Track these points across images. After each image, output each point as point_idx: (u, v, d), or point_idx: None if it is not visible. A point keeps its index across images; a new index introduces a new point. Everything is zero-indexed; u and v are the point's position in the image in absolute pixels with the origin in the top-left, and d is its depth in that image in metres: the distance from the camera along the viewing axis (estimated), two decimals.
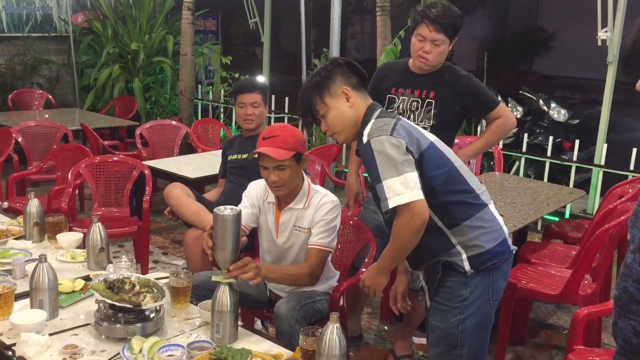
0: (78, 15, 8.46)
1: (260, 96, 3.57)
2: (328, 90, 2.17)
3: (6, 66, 7.86)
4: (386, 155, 1.99)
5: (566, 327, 3.65)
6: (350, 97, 2.16)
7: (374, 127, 2.09)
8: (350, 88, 2.17)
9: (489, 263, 2.12)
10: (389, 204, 1.97)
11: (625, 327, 1.31)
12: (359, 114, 2.17)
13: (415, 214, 1.97)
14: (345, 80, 2.18)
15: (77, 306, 2.30)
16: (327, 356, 1.84)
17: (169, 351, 1.95)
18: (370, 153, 2.03)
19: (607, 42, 5.05)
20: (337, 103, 2.17)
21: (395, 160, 1.98)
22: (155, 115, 7.90)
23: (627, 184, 4.00)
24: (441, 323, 2.19)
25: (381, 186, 1.99)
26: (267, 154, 2.41)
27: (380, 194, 2.01)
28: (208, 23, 9.15)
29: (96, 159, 4.27)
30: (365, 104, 2.20)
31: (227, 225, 2.09)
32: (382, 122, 2.09)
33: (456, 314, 2.14)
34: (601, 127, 5.32)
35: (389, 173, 1.97)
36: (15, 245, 2.79)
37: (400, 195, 1.95)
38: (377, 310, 3.78)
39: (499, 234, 2.16)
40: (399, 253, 2.10)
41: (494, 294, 2.18)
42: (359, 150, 2.16)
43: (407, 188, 1.96)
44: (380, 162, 2.00)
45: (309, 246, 2.51)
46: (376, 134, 2.04)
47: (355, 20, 17.34)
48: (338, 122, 2.18)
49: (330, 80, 2.17)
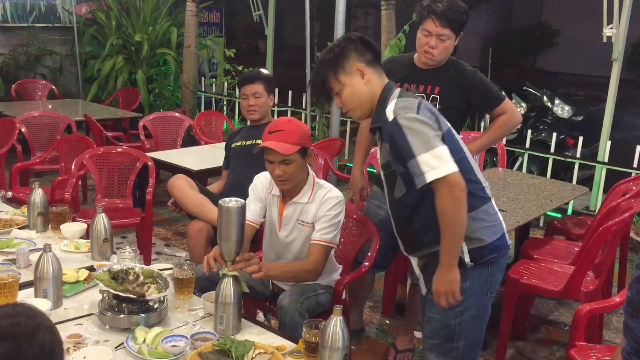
0: (82, 6, 8.44)
1: (262, 86, 3.56)
2: (342, 67, 2.15)
3: (10, 56, 7.85)
4: (417, 131, 2.00)
5: (568, 323, 3.65)
6: (365, 73, 2.15)
7: (398, 106, 2.07)
8: (365, 64, 2.15)
9: (489, 257, 2.14)
10: (425, 179, 1.97)
11: (637, 327, 1.31)
12: (374, 91, 2.17)
13: (453, 185, 1.97)
14: (360, 57, 2.16)
15: (81, 296, 2.30)
16: (330, 349, 1.85)
17: (173, 342, 1.96)
18: (399, 130, 2.02)
19: (613, 39, 5.04)
20: (351, 80, 2.15)
21: (426, 134, 1.99)
22: (159, 107, 7.90)
23: (630, 181, 3.99)
24: (439, 315, 2.20)
25: (415, 162, 1.98)
26: (272, 149, 2.40)
27: (414, 170, 1.99)
28: (212, 15, 9.13)
29: (100, 150, 4.27)
30: (381, 81, 2.18)
31: (232, 217, 2.09)
32: (405, 101, 2.09)
33: (454, 306, 2.15)
34: (605, 124, 5.31)
35: (422, 148, 1.98)
36: (19, 234, 2.80)
37: (436, 169, 1.96)
38: (378, 305, 3.79)
39: (499, 228, 2.19)
40: (454, 233, 2.04)
41: (491, 287, 2.20)
42: (379, 128, 2.15)
43: (441, 161, 1.97)
44: (411, 138, 1.99)
45: (312, 242, 2.51)
46: (403, 112, 2.04)
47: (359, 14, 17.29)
48: (353, 99, 2.17)
49: (344, 57, 2.15)
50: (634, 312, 1.32)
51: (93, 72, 8.03)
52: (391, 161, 2.14)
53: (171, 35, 7.84)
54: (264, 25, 7.73)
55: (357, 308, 3.43)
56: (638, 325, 1.31)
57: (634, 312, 1.32)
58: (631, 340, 1.35)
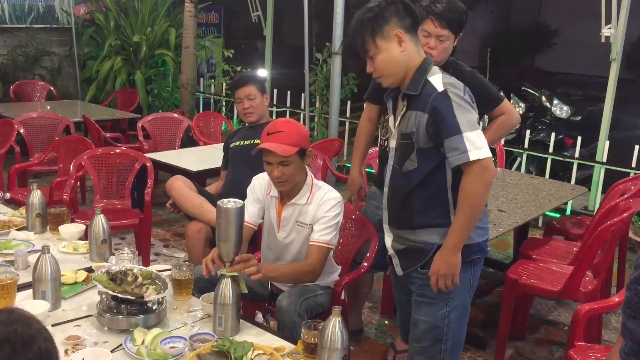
0: (80, 6, 8.44)
1: (254, 87, 3.56)
2: (381, 31, 2.07)
3: (8, 57, 7.85)
4: (466, 109, 2.00)
5: (567, 324, 3.65)
6: (403, 41, 2.08)
7: (446, 80, 2.06)
8: (404, 31, 2.08)
9: (474, 256, 2.17)
10: (469, 156, 1.96)
11: (636, 328, 1.31)
12: (409, 60, 2.10)
13: (488, 169, 1.99)
14: (400, 22, 2.08)
15: (79, 297, 2.30)
16: (329, 349, 1.84)
17: (171, 343, 1.96)
18: (449, 103, 2.00)
19: (611, 39, 5.04)
20: (388, 46, 2.08)
21: (473, 115, 2.01)
22: (157, 107, 7.90)
23: (629, 181, 4.00)
24: (427, 317, 2.21)
25: (460, 138, 1.97)
26: (271, 150, 2.40)
27: (457, 145, 1.97)
28: (210, 16, 9.13)
29: (98, 151, 4.27)
30: (418, 51, 2.13)
31: (231, 218, 2.09)
32: (452, 78, 2.08)
33: (442, 307, 2.17)
34: (603, 124, 5.31)
35: (469, 126, 1.97)
36: (17, 236, 2.79)
37: (480, 150, 1.96)
38: (377, 305, 3.79)
39: (486, 232, 2.23)
40: (472, 216, 2.04)
41: (473, 285, 2.24)
42: (410, 96, 2.10)
43: (484, 143, 1.98)
44: (459, 114, 1.98)
45: (311, 243, 2.51)
46: (452, 87, 2.02)
47: None
48: (387, 66, 2.11)
49: (384, 21, 2.07)
50: (632, 312, 1.32)
51: (91, 73, 8.03)
52: (416, 133, 2.08)
53: (170, 36, 7.83)
54: (263, 25, 7.73)
55: (356, 309, 3.43)
56: (636, 326, 1.31)
57: (633, 312, 1.32)
58: (630, 341, 1.34)
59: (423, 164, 2.09)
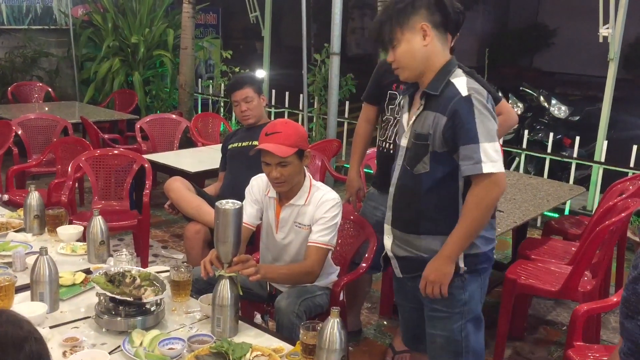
0: (78, 8, 8.44)
1: (250, 89, 3.54)
2: (407, 21, 2.01)
3: (6, 59, 7.84)
4: (487, 117, 1.94)
5: (565, 324, 3.65)
6: (427, 35, 2.01)
7: (472, 85, 1.99)
8: (431, 26, 2.01)
9: (481, 266, 2.12)
10: (482, 168, 1.91)
11: (633, 328, 1.31)
12: (431, 57, 2.04)
13: (499, 184, 1.94)
14: (429, 16, 2.02)
15: (77, 299, 2.30)
16: (328, 350, 1.84)
17: (170, 344, 1.95)
18: (470, 109, 1.93)
19: (609, 39, 5.05)
20: (411, 37, 2.02)
21: (493, 125, 1.95)
22: (155, 109, 7.90)
23: (627, 180, 4.00)
24: (443, 331, 2.14)
25: (477, 147, 1.91)
26: (269, 151, 2.40)
27: (472, 154, 1.92)
28: (208, 17, 9.12)
29: (96, 152, 4.26)
30: (444, 51, 2.06)
31: (229, 219, 2.09)
32: (476, 84, 2.01)
33: (458, 319, 2.10)
34: (601, 124, 5.31)
35: (487, 137, 1.92)
36: (15, 237, 2.79)
37: (494, 163, 1.91)
38: (376, 305, 3.78)
39: (493, 241, 2.18)
40: (473, 229, 1.99)
41: (482, 294, 2.19)
42: (430, 96, 2.04)
43: (499, 157, 1.93)
44: (479, 122, 1.92)
45: (309, 244, 2.50)
46: (476, 94, 1.96)
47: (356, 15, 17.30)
48: (406, 57, 2.05)
49: (413, 11, 2.01)
50: (629, 312, 1.31)
51: (89, 74, 8.02)
52: (433, 135, 2.02)
53: (168, 37, 7.83)
54: (261, 26, 7.73)
55: (355, 309, 3.43)
56: (634, 325, 1.30)
57: (630, 312, 1.31)
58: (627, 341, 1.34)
59: (435, 168, 2.03)
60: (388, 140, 2.95)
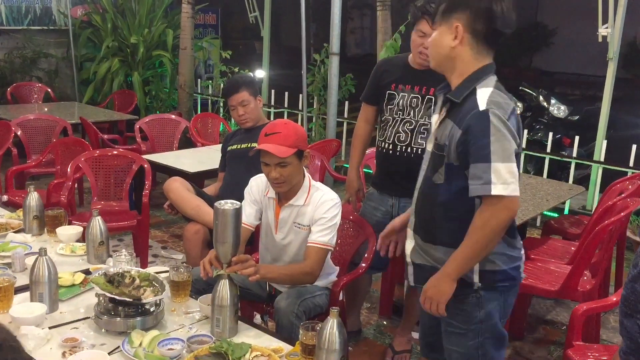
0: (77, 8, 8.44)
1: (245, 92, 3.50)
2: (448, 15, 1.92)
3: (5, 59, 7.84)
4: (504, 136, 1.81)
5: (565, 323, 3.65)
6: (458, 38, 1.91)
7: (494, 99, 1.87)
8: (468, 32, 1.90)
9: (500, 284, 2.02)
10: (491, 190, 1.79)
11: (632, 327, 1.31)
12: (456, 60, 1.94)
13: (509, 209, 1.83)
14: (470, 20, 1.89)
15: (77, 300, 2.30)
16: (327, 351, 1.84)
17: (169, 345, 1.95)
18: (486, 125, 1.82)
19: (608, 39, 5.05)
20: (444, 31, 1.94)
21: (510, 145, 1.82)
22: (155, 109, 7.90)
23: (626, 180, 4.00)
24: (459, 347, 2.08)
25: (487, 167, 1.80)
26: (268, 151, 2.40)
27: (480, 174, 1.81)
28: (208, 17, 9.12)
29: (95, 153, 4.26)
30: (476, 60, 1.94)
31: (228, 220, 2.09)
32: (501, 97, 1.89)
33: (474, 337, 2.04)
34: (601, 124, 5.32)
35: (500, 156, 1.80)
36: (14, 238, 2.79)
37: (506, 186, 1.80)
38: (376, 306, 3.78)
39: (516, 260, 2.05)
40: (476, 251, 1.89)
41: (505, 313, 2.09)
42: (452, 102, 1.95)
43: (513, 179, 1.81)
44: (494, 140, 1.80)
45: (309, 244, 2.50)
46: (496, 109, 1.84)
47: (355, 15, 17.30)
48: (433, 47, 1.99)
49: (458, 7, 1.90)
50: (628, 310, 1.31)
51: (89, 74, 8.03)
52: (448, 147, 1.93)
53: (167, 37, 7.83)
54: (260, 26, 7.73)
55: (355, 309, 3.43)
56: (633, 324, 1.30)
57: (629, 310, 1.31)
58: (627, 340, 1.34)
59: (451, 181, 1.95)
60: (387, 141, 2.95)
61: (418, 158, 2.86)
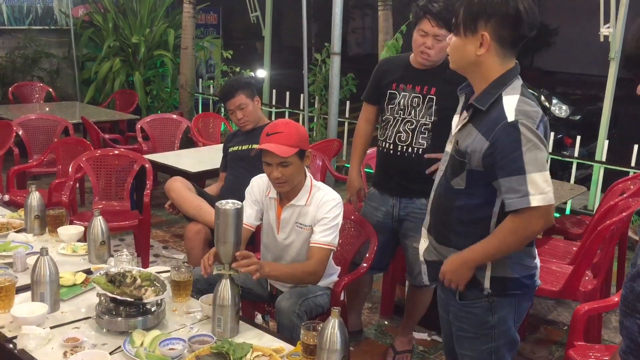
0: (79, 8, 8.44)
1: (242, 96, 3.48)
2: (474, 22, 1.85)
3: (7, 59, 7.84)
4: (536, 145, 1.77)
5: (566, 323, 3.65)
6: (484, 47, 1.85)
7: (521, 108, 1.82)
8: (495, 40, 1.84)
9: (512, 291, 1.99)
10: (530, 202, 1.76)
11: (632, 326, 1.30)
12: (482, 67, 1.88)
13: (546, 217, 1.80)
14: (496, 28, 1.84)
15: (78, 299, 2.30)
16: (329, 351, 1.84)
17: (170, 345, 1.95)
18: (516, 136, 1.77)
19: (610, 38, 5.05)
20: (469, 39, 1.87)
21: (543, 153, 1.78)
22: (156, 109, 7.90)
23: (628, 180, 4.00)
24: (471, 352, 2.06)
25: (523, 179, 1.76)
26: (270, 151, 2.39)
27: (517, 187, 1.77)
28: (209, 17, 9.12)
29: (97, 153, 4.27)
30: (502, 64, 1.89)
31: (229, 220, 2.09)
32: (530, 106, 1.84)
33: (487, 341, 2.02)
34: (602, 124, 5.31)
35: (536, 166, 1.76)
36: (16, 238, 2.79)
37: (544, 195, 1.77)
38: (377, 305, 3.78)
39: (530, 270, 2.02)
40: (500, 251, 1.88)
41: (518, 317, 2.05)
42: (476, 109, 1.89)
43: (549, 187, 1.78)
44: (526, 151, 1.76)
45: (312, 245, 2.50)
46: (525, 119, 1.79)
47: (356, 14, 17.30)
48: (456, 52, 1.92)
49: (483, 15, 1.83)
50: (628, 310, 1.31)
51: (90, 74, 8.02)
52: (470, 155, 1.88)
53: (168, 37, 7.83)
54: (261, 26, 7.73)
55: (356, 309, 3.43)
56: (632, 323, 1.30)
57: (628, 310, 1.31)
58: (627, 339, 1.34)
59: (472, 188, 1.91)
60: (388, 140, 2.95)
61: (419, 158, 2.87)
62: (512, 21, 1.83)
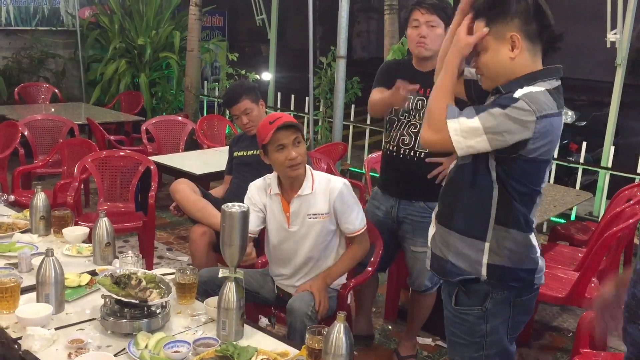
0: (85, 9, 8.47)
1: (247, 101, 3.47)
2: (496, 27, 1.82)
3: (13, 59, 7.88)
4: (515, 120, 1.74)
5: (572, 330, 3.63)
6: (516, 47, 1.82)
7: (535, 95, 1.79)
8: (524, 36, 1.82)
9: (507, 282, 1.96)
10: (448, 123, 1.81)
11: (634, 332, 1.30)
12: (516, 70, 1.85)
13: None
14: (522, 25, 1.81)
15: (83, 301, 2.29)
16: (334, 355, 1.83)
17: (175, 347, 1.94)
18: (509, 103, 1.76)
19: (616, 44, 5.03)
20: (498, 47, 1.83)
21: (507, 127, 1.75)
22: (161, 110, 7.91)
23: (634, 187, 3.98)
24: (461, 358, 2.06)
25: (471, 112, 1.80)
26: (285, 123, 2.46)
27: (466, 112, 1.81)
28: (215, 19, 9.15)
29: (102, 154, 4.27)
30: (534, 62, 1.86)
31: (235, 223, 2.08)
32: (547, 99, 1.81)
33: (477, 349, 2.01)
34: (608, 130, 5.30)
35: (486, 120, 1.77)
36: (21, 238, 2.79)
37: (457, 137, 1.82)
38: (381, 310, 3.77)
39: (531, 262, 2.00)
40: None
41: (513, 328, 2.03)
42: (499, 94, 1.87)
43: (466, 134, 1.80)
44: (506, 113, 1.75)
45: (354, 235, 2.62)
46: (529, 101, 1.77)
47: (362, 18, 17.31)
48: (490, 67, 1.88)
49: (505, 17, 1.81)
50: (630, 316, 1.30)
51: (96, 75, 8.05)
52: None
53: (174, 39, 7.85)
54: (267, 29, 7.74)
55: (365, 313, 3.40)
56: (635, 330, 1.29)
57: (631, 316, 1.30)
58: (630, 346, 1.33)
59: (477, 159, 1.88)
60: (392, 142, 2.94)
61: (421, 162, 2.87)
62: (536, 12, 1.82)
